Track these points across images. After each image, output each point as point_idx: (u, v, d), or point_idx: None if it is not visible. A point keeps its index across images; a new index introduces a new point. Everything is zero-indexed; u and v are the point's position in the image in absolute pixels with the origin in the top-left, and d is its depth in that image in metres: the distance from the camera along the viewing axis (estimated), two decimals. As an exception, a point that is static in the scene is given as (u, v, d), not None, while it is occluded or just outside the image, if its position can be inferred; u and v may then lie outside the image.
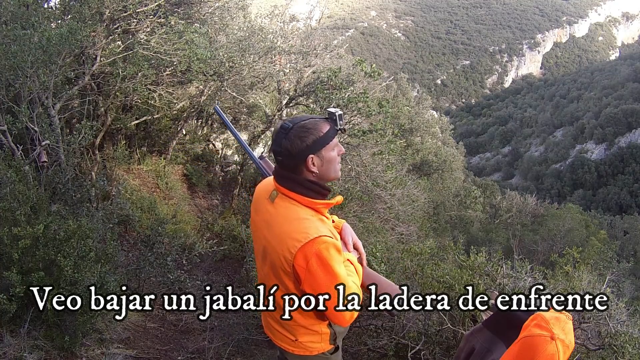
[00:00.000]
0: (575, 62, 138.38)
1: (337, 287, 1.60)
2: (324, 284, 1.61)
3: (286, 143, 1.62)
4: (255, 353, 3.62)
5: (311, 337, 1.83)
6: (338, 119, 1.68)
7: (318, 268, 1.59)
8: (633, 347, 2.38)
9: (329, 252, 1.60)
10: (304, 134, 1.63)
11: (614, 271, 6.74)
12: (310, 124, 1.65)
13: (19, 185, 3.07)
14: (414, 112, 15.23)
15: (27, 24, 4.06)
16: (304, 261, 1.60)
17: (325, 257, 1.59)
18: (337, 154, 1.70)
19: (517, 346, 1.34)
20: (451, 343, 2.85)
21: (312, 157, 1.64)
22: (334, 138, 1.68)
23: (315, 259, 1.59)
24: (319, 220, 1.68)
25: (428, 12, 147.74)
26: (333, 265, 1.60)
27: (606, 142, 68.95)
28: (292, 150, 1.63)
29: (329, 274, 1.60)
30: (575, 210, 16.56)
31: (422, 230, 7.68)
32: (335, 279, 1.60)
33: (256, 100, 7.92)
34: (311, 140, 1.62)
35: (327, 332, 1.83)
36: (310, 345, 1.85)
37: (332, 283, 1.60)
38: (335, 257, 1.61)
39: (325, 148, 1.66)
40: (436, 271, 3.04)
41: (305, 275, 1.62)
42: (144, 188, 6.97)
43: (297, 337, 1.83)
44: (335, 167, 1.71)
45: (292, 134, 1.62)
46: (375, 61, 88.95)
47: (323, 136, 1.64)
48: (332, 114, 1.68)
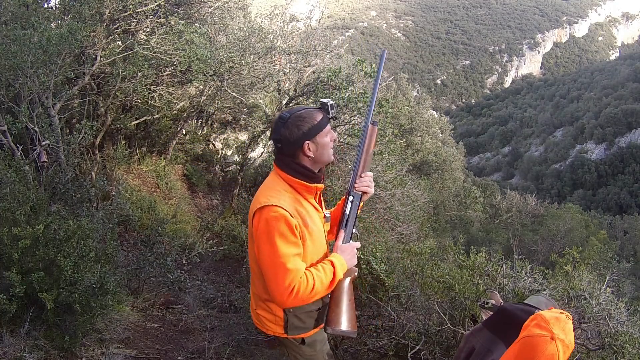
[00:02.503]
0: (575, 62, 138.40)
1: (275, 261, 1.68)
2: (265, 253, 1.71)
3: (284, 131, 1.78)
4: (255, 353, 3.62)
5: (266, 313, 1.94)
6: (330, 108, 1.83)
7: (262, 234, 1.71)
8: (633, 347, 2.38)
9: (276, 223, 1.70)
10: (300, 122, 1.78)
11: (614, 271, 6.74)
12: (306, 113, 1.80)
13: (19, 185, 3.07)
14: (414, 112, 15.22)
15: (27, 24, 4.06)
16: (257, 223, 1.73)
17: (272, 225, 1.70)
18: (330, 140, 1.85)
19: (517, 346, 1.34)
20: (451, 343, 2.85)
21: (308, 142, 1.79)
22: (327, 125, 1.83)
23: (263, 224, 1.71)
24: (291, 196, 1.80)
25: (428, 12, 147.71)
26: (275, 237, 1.69)
27: (606, 142, 68.93)
28: (290, 138, 1.78)
29: (269, 243, 1.70)
30: (575, 210, 16.53)
31: (422, 230, 7.68)
32: (274, 251, 1.69)
33: (256, 100, 7.92)
34: (307, 128, 1.78)
35: (280, 316, 1.90)
36: (266, 322, 1.95)
37: (272, 254, 1.69)
38: (280, 230, 1.70)
39: (320, 134, 1.81)
40: (436, 271, 3.04)
41: (255, 236, 1.75)
42: (144, 188, 6.97)
43: (256, 307, 1.97)
44: (328, 151, 1.85)
45: (289, 123, 1.78)
46: (376, 61, 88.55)
47: (317, 124, 1.80)
48: (324, 103, 1.84)
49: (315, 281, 1.74)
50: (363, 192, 1.98)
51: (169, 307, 4.38)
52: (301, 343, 1.96)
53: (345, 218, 1.97)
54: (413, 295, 3.10)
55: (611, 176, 63.66)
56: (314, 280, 1.73)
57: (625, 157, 64.46)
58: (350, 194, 1.98)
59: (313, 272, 1.76)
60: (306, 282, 1.71)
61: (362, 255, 3.06)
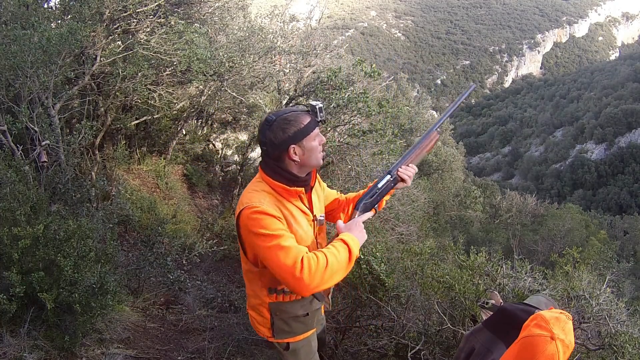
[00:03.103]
0: (575, 62, 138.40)
1: (270, 247, 1.65)
2: (259, 246, 1.68)
3: (269, 134, 1.74)
4: (255, 353, 3.62)
5: (256, 314, 1.94)
6: (318, 111, 1.78)
7: (249, 233, 1.70)
8: (633, 347, 2.38)
9: (258, 216, 1.69)
10: (285, 125, 1.73)
11: (614, 271, 6.75)
12: (292, 116, 1.75)
13: (19, 185, 3.07)
14: (414, 112, 15.20)
15: (27, 24, 4.06)
16: (243, 223, 1.72)
17: (254, 220, 1.69)
18: (319, 144, 1.80)
19: (517, 346, 1.34)
20: (451, 343, 2.85)
21: (294, 146, 1.74)
22: (314, 129, 1.78)
23: (246, 222, 1.70)
24: (273, 198, 1.77)
25: (428, 12, 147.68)
26: (260, 229, 1.67)
27: (606, 142, 68.98)
28: (274, 141, 1.74)
29: (257, 235, 1.68)
30: (575, 210, 16.54)
31: (422, 230, 7.67)
32: (264, 239, 1.66)
33: (256, 100, 7.91)
34: (292, 132, 1.73)
35: (267, 318, 1.90)
36: (256, 323, 1.96)
37: (264, 243, 1.66)
38: (263, 223, 1.68)
39: (307, 138, 1.76)
40: (436, 271, 3.04)
41: (245, 238, 1.75)
42: (144, 188, 6.97)
43: (248, 308, 1.98)
44: (316, 155, 1.80)
45: (275, 126, 1.73)
46: (375, 61, 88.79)
47: (304, 127, 1.74)
48: (312, 106, 1.79)
49: (328, 257, 1.62)
50: (402, 179, 1.96)
51: (169, 307, 4.38)
52: (285, 349, 1.95)
53: (373, 191, 1.94)
54: (413, 295, 3.11)
55: (611, 176, 63.69)
56: (326, 256, 1.62)
57: (625, 157, 64.50)
58: (390, 174, 1.96)
59: (322, 250, 1.67)
60: (316, 259, 1.60)
61: (362, 255, 3.06)
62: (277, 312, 1.87)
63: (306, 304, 1.91)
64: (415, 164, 1.99)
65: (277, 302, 1.87)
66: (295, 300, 1.88)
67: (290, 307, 1.88)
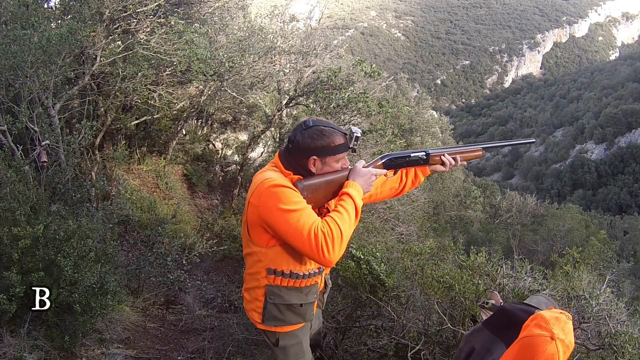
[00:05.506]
0: (575, 62, 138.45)
1: (288, 216, 1.66)
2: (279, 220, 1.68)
3: (300, 137, 1.78)
4: (255, 353, 3.61)
5: (249, 296, 1.93)
6: (354, 139, 1.83)
7: (266, 206, 1.70)
8: (633, 347, 2.38)
9: (276, 189, 1.69)
10: (317, 136, 1.77)
11: (614, 271, 6.75)
12: (328, 131, 1.78)
13: (19, 185, 3.07)
14: (414, 112, 15.18)
15: (27, 24, 4.06)
16: (257, 199, 1.72)
17: (272, 192, 1.69)
18: (340, 167, 1.85)
19: (517, 346, 1.34)
20: (451, 343, 2.85)
21: (315, 159, 1.79)
22: (342, 152, 1.83)
23: (265, 196, 1.70)
24: (282, 177, 1.78)
25: (428, 12, 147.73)
26: (279, 203, 1.67)
27: (606, 142, 69.00)
28: (301, 145, 1.78)
29: (277, 210, 1.67)
30: (575, 210, 16.52)
31: (422, 230, 7.67)
32: (284, 213, 1.66)
33: (256, 100, 7.91)
34: (321, 145, 1.77)
35: (261, 300, 1.88)
36: (248, 306, 1.95)
37: (283, 217, 1.67)
38: (278, 194, 1.68)
39: (331, 157, 1.81)
40: (436, 271, 3.03)
41: (264, 212, 1.72)
42: (144, 188, 6.97)
43: (244, 288, 1.96)
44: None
45: (308, 132, 1.78)
46: (375, 61, 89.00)
47: (333, 147, 1.79)
48: (351, 132, 1.82)
49: (340, 225, 1.67)
50: (442, 162, 2.04)
51: (169, 307, 4.38)
52: (275, 344, 1.94)
53: (404, 155, 2.01)
54: (413, 295, 3.10)
55: (611, 176, 63.71)
56: (338, 225, 1.67)
57: (625, 157, 64.51)
58: (425, 151, 2.04)
59: (334, 216, 1.71)
60: (330, 231, 1.65)
61: (362, 255, 3.06)
62: (272, 295, 1.85)
63: (302, 295, 1.90)
64: (453, 161, 2.07)
65: (275, 285, 1.85)
66: (292, 287, 1.86)
67: (286, 294, 1.86)
